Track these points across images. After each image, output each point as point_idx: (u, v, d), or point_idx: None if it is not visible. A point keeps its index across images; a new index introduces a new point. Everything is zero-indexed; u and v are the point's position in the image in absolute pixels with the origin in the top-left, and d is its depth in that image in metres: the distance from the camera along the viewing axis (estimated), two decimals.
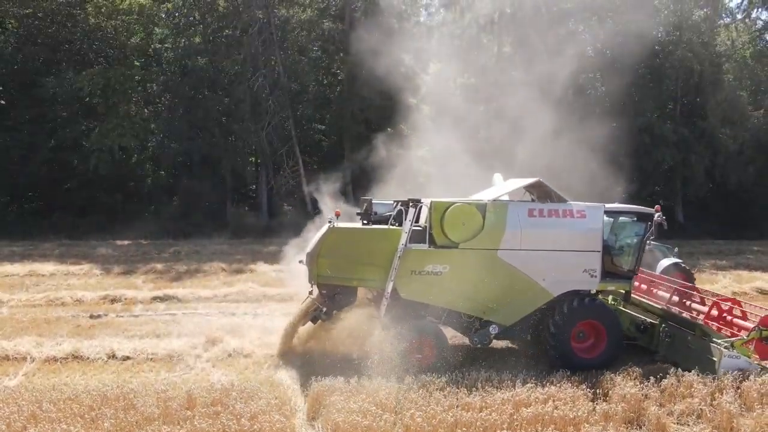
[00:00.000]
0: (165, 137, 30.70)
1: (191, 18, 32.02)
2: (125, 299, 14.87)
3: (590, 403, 7.85)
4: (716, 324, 10.04)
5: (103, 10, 29.67)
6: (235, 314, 13.94)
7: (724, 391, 8.17)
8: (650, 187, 32.67)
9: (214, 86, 31.33)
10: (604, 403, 7.87)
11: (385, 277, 9.55)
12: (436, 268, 9.55)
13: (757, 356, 9.16)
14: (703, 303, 10.80)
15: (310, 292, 10.35)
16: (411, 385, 8.36)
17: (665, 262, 12.81)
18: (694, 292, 11.14)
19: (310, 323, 10.53)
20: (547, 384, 8.44)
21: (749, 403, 8.07)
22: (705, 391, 8.12)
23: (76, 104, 29.87)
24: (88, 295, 14.92)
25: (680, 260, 13.98)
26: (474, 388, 8.32)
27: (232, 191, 32.99)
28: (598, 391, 8.30)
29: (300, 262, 10.53)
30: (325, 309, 9.97)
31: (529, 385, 8.37)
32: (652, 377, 8.61)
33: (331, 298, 9.92)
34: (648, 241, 10.39)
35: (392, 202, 10.60)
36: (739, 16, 35.39)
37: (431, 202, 9.68)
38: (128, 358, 10.33)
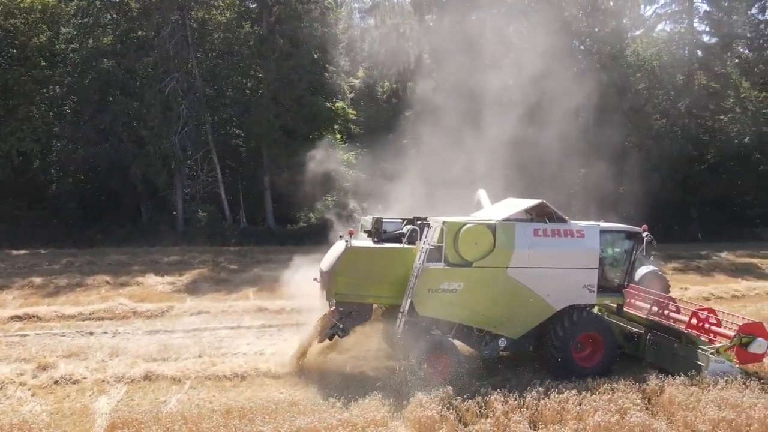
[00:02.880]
0: (70, 142, 29.54)
1: (107, 17, 31.03)
2: None
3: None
4: (695, 331, 10.70)
5: (0, 7, 28.28)
6: (93, 333, 13.53)
7: (521, 411, 8.42)
8: (562, 195, 33.70)
9: (124, 89, 30.37)
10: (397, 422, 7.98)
11: (400, 294, 9.88)
12: (452, 285, 9.97)
13: (737, 361, 9.97)
14: (678, 311, 11.56)
15: (332, 309, 10.32)
16: (212, 414, 8.28)
17: (643, 270, 13.24)
18: (670, 302, 11.86)
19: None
20: (356, 407, 8.50)
21: (542, 422, 8.34)
22: (500, 411, 8.32)
23: None
24: None
25: (656, 268, 14.53)
26: (289, 414, 8.30)
27: (147, 198, 32.10)
28: (398, 413, 8.41)
29: (315, 279, 10.91)
30: (342, 326, 10.15)
31: (336, 407, 8.42)
32: (458, 398, 8.75)
33: (347, 315, 10.12)
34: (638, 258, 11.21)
35: (401, 220, 11.05)
36: (640, 31, 36.97)
37: (444, 222, 10.08)
38: None
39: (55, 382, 10.15)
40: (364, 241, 10.73)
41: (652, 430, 8.06)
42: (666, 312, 11.60)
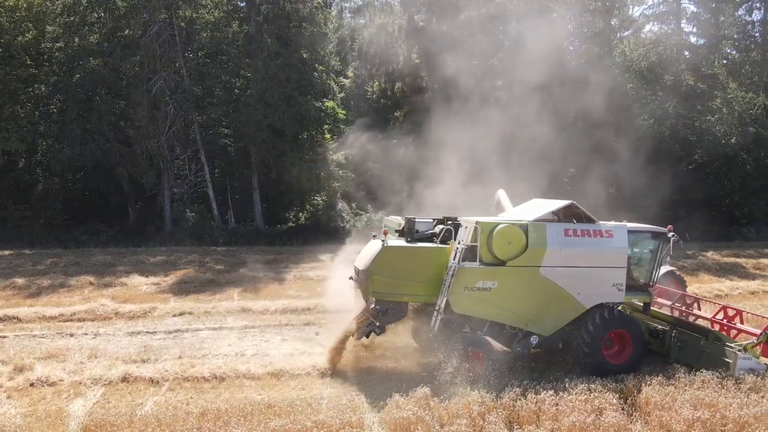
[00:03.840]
0: (56, 141, 29.28)
1: (93, 16, 30.78)
2: None
3: None
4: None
5: None
6: (74, 335, 13.41)
7: (497, 411, 8.41)
8: (553, 195, 33.78)
9: (111, 89, 30.14)
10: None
11: (435, 292, 10.18)
12: (486, 284, 10.22)
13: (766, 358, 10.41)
14: (698, 308, 12.00)
15: (372, 306, 10.49)
16: (187, 416, 8.22)
17: (661, 270, 13.39)
18: (689, 299, 12.32)
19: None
20: (332, 409, 8.46)
21: (518, 422, 8.34)
22: (476, 412, 8.30)
23: None
24: None
25: (674, 268, 14.73)
26: (265, 416, 8.26)
27: (134, 198, 31.87)
28: (373, 415, 8.39)
29: (350, 278, 11.22)
30: (378, 323, 10.41)
31: (312, 409, 8.38)
32: (435, 398, 8.73)
33: (383, 312, 10.35)
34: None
35: (432, 220, 11.41)
36: (629, 32, 37.12)
37: (477, 222, 10.32)
38: None
39: (31, 385, 10.05)
40: (398, 241, 10.96)
41: (627, 430, 8.08)
42: (689, 309, 12.05)
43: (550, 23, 31.88)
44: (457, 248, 10.14)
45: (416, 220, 11.19)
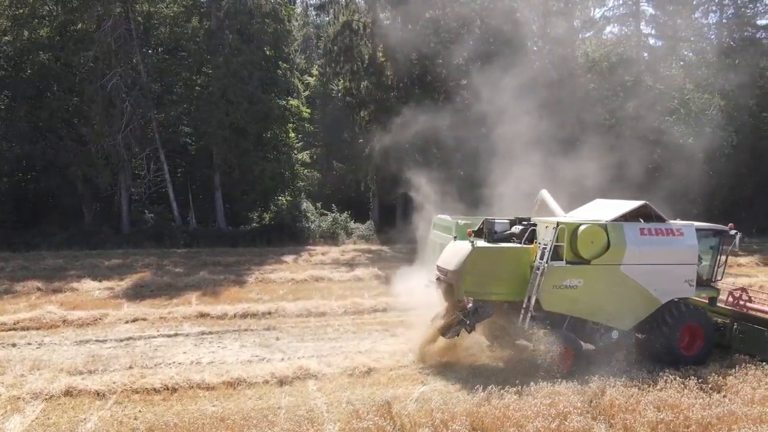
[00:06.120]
0: (4, 139, 27.86)
1: (44, 8, 29.40)
2: None
3: None
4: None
5: None
6: (16, 345, 12.60)
7: (461, 418, 8.16)
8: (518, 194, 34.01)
9: (63, 84, 28.84)
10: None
11: (518, 290, 10.58)
12: (573, 282, 10.59)
13: None
14: (749, 299, 12.47)
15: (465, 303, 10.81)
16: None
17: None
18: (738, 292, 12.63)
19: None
20: (288, 421, 8.05)
21: (482, 429, 8.11)
22: (439, 420, 8.03)
23: None
24: None
25: None
26: (217, 430, 7.78)
27: (90, 199, 30.59)
28: (332, 426, 8.02)
29: (438, 279, 11.35)
30: (468, 321, 10.60)
31: (268, 421, 7.95)
32: (397, 406, 8.45)
33: (473, 311, 10.63)
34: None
35: (507, 221, 11.78)
36: (591, 33, 37.73)
37: (559, 223, 10.66)
38: None
39: None
40: (483, 242, 11.27)
41: None
42: (743, 302, 12.40)
43: (514, 23, 32.10)
44: (545, 248, 10.42)
45: (495, 221, 11.60)
